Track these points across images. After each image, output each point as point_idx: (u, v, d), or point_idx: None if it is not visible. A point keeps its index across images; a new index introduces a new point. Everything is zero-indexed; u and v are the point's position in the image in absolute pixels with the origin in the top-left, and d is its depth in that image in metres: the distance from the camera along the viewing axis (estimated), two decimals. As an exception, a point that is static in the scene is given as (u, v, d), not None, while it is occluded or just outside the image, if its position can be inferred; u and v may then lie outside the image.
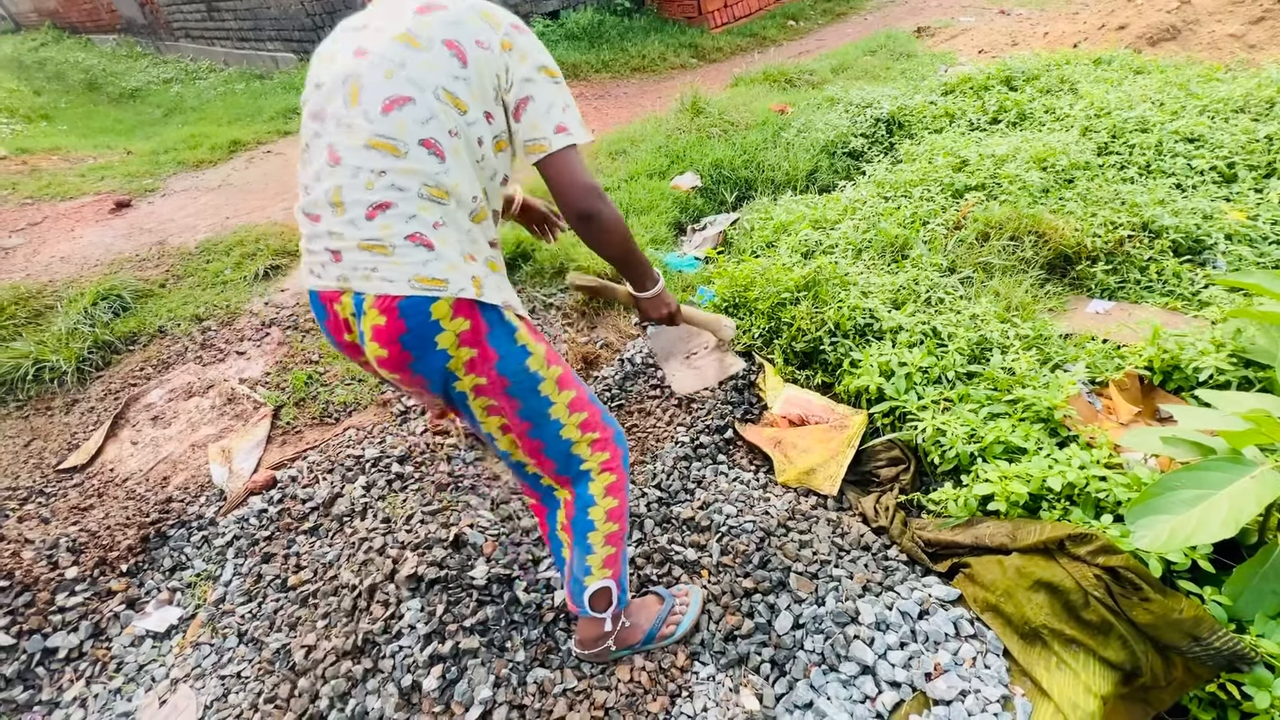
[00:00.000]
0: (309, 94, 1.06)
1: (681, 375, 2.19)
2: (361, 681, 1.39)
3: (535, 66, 1.04)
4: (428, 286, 0.97)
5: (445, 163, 0.99)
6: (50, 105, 7.98)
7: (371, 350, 1.02)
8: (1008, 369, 1.74)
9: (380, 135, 0.97)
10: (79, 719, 1.47)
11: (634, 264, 1.23)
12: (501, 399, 1.09)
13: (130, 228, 3.95)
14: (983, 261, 2.23)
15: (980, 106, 3.37)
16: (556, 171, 1.04)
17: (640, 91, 5.64)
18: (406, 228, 0.97)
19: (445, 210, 1.01)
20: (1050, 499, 1.42)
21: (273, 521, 1.85)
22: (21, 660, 1.54)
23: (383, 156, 0.97)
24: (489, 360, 1.05)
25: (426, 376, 1.04)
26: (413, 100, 0.97)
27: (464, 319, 1.01)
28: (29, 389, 2.54)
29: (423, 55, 0.98)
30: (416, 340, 0.99)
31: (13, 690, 1.51)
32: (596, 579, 1.26)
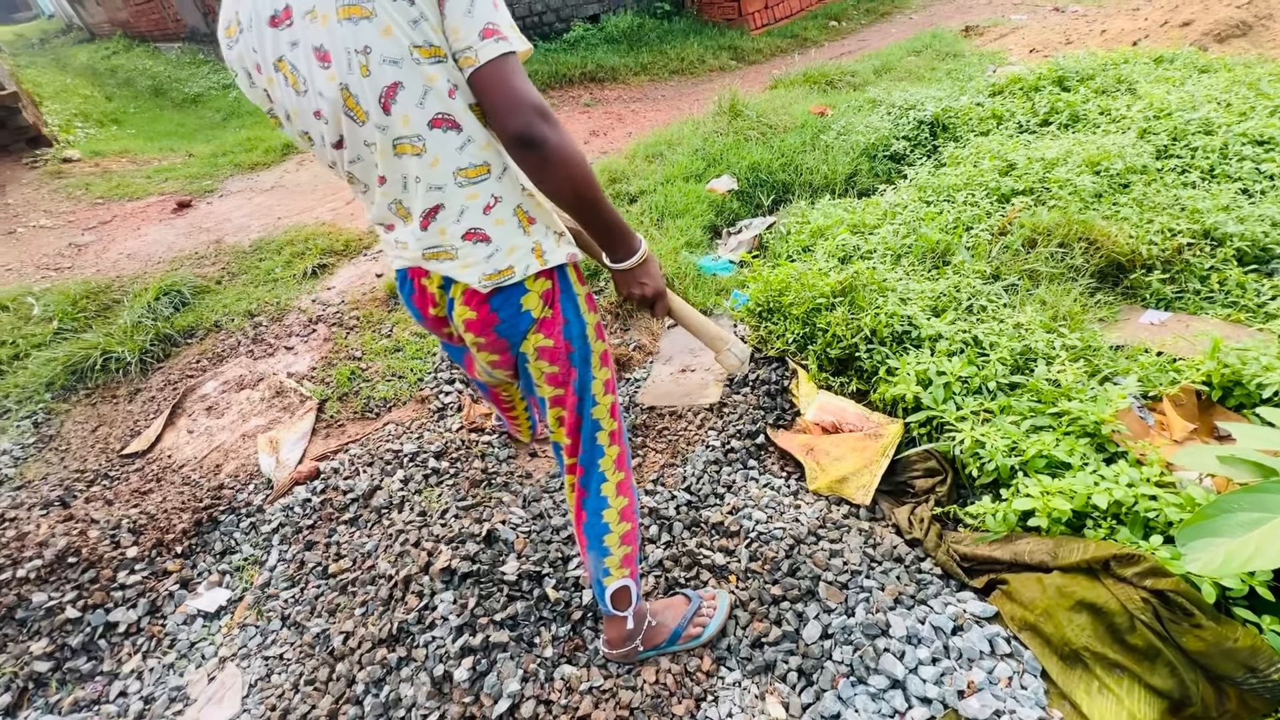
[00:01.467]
0: (289, 126, 0.95)
1: (661, 385, 2.06)
2: (396, 669, 1.44)
3: None
4: (496, 280, 1.00)
5: (462, 131, 0.90)
6: (120, 110, 8.46)
7: (460, 314, 1.05)
8: (1053, 381, 1.69)
9: (396, 139, 0.90)
10: (135, 690, 1.56)
11: (598, 216, 0.97)
12: (562, 365, 1.10)
13: (190, 227, 4.16)
14: (1029, 269, 2.16)
15: (1030, 108, 3.26)
16: (491, 87, 0.84)
17: (678, 94, 5.65)
18: (460, 227, 0.96)
19: (488, 185, 0.95)
20: (1095, 517, 1.37)
21: (315, 511, 1.92)
22: (86, 632, 1.64)
23: (409, 160, 0.91)
24: (558, 323, 1.07)
25: (511, 339, 1.07)
26: (401, 84, 0.85)
27: (545, 279, 1.05)
28: (97, 378, 2.71)
29: (375, 23, 0.82)
30: (506, 312, 1.03)
31: (77, 660, 1.61)
32: (615, 578, 1.28)
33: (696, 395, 2.07)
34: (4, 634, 1.62)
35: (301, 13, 0.84)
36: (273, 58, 0.87)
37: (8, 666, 1.57)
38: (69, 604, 1.67)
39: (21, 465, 2.34)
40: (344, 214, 4.00)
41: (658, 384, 2.13)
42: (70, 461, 2.31)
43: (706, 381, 2.12)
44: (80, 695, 1.55)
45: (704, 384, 2.10)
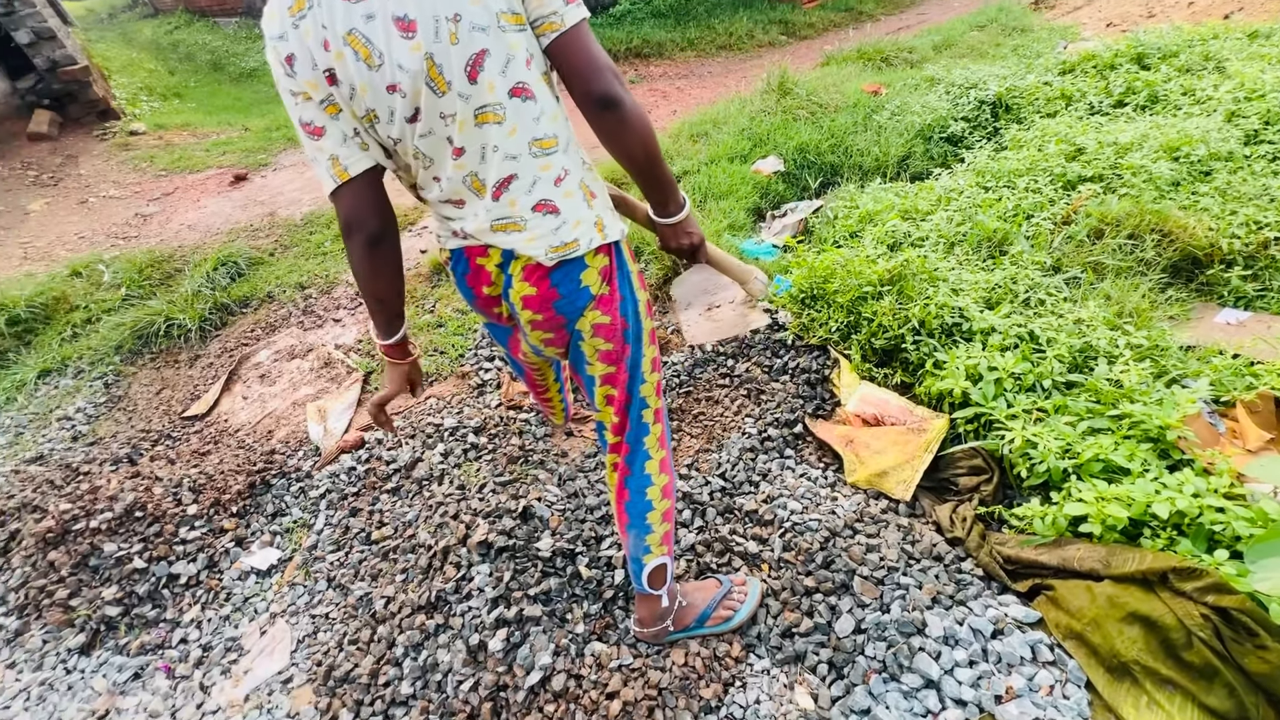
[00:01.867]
0: (359, 100, 0.91)
1: (698, 325, 2.18)
2: (433, 635, 1.49)
3: None
4: (561, 253, 1.01)
5: (537, 102, 0.94)
6: (181, 84, 8.77)
7: (519, 290, 1.06)
8: (1114, 381, 1.60)
9: (479, 108, 0.91)
10: (195, 638, 1.66)
11: (659, 175, 1.06)
12: (617, 341, 1.12)
13: (246, 199, 4.31)
14: (1093, 261, 2.04)
15: (1104, 87, 3.05)
16: (574, 51, 0.91)
17: (725, 70, 5.51)
18: (530, 198, 0.98)
19: (558, 157, 0.98)
20: (1154, 526, 1.30)
21: (360, 479, 2.00)
22: (151, 582, 1.76)
23: (490, 129, 0.93)
24: (615, 300, 1.09)
25: (568, 316, 1.09)
26: (488, 51, 0.88)
27: (604, 256, 1.07)
28: (161, 343, 2.86)
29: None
30: (566, 288, 1.05)
31: (144, 607, 1.72)
32: (655, 556, 1.28)
33: (744, 325, 2.15)
34: (79, 579, 1.75)
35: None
36: (343, 31, 0.86)
37: (83, 609, 1.70)
38: (136, 555, 1.79)
39: (94, 423, 2.49)
40: (394, 188, 4.07)
41: (695, 327, 2.19)
42: (137, 421, 2.45)
43: (742, 313, 2.20)
44: (146, 639, 1.66)
45: (741, 315, 2.18)
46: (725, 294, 2.23)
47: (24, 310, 3.01)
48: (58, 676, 1.61)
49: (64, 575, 1.75)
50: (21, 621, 1.71)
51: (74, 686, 1.58)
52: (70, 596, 1.72)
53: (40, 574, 1.76)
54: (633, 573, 1.32)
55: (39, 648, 1.67)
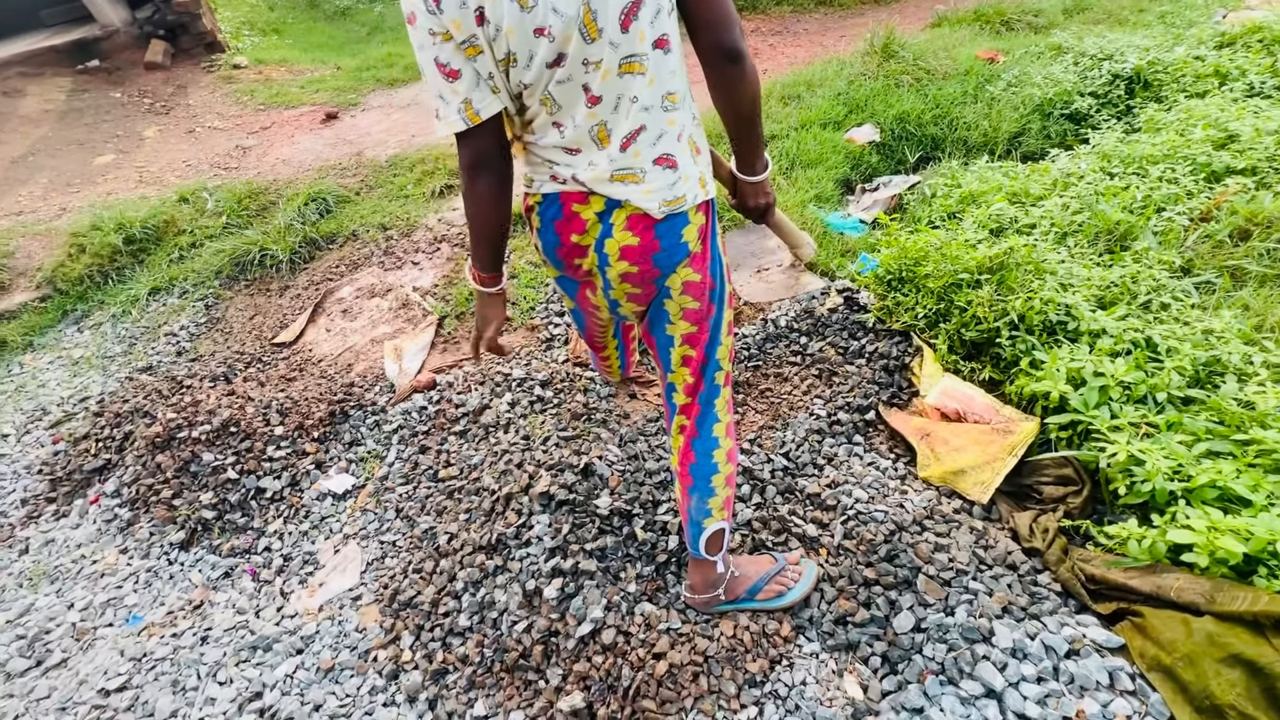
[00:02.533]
0: (502, 42, 0.90)
1: (750, 286, 2.22)
2: (492, 575, 1.56)
3: None
4: (672, 207, 1.03)
5: (673, 54, 0.95)
6: (280, 20, 9.04)
7: (620, 239, 1.05)
8: (1245, 402, 1.44)
9: (626, 57, 0.92)
10: (277, 548, 1.80)
11: (757, 132, 1.11)
12: (704, 301, 1.13)
13: (336, 138, 4.44)
14: (1233, 265, 1.82)
15: (1269, 66, 2.66)
16: (711, 3, 0.93)
17: (823, 28, 5.17)
18: (654, 151, 1.00)
19: (680, 113, 1.00)
20: (1272, 566, 1.18)
21: (430, 419, 2.07)
22: (241, 492, 1.90)
23: (632, 79, 0.94)
24: (706, 259, 1.11)
25: (664, 269, 1.09)
26: (642, 1, 0.89)
27: (703, 214, 1.09)
28: (255, 271, 3.03)
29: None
30: (668, 241, 1.06)
31: (234, 515, 1.88)
32: (715, 520, 1.29)
33: (800, 287, 2.22)
34: (181, 482, 1.91)
35: None
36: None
37: (183, 509, 1.86)
38: (230, 466, 1.94)
39: (195, 341, 2.69)
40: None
41: (747, 286, 2.26)
42: (233, 343, 2.63)
43: (795, 276, 2.26)
44: (236, 543, 1.81)
45: (793, 278, 2.24)
46: (772, 257, 2.30)
47: (139, 231, 3.25)
48: (161, 566, 1.78)
49: (168, 477, 1.92)
50: (133, 513, 1.90)
51: (174, 577, 1.75)
52: (174, 497, 1.88)
53: (149, 473, 1.94)
54: (690, 536, 1.32)
55: (146, 538, 1.85)
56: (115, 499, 1.95)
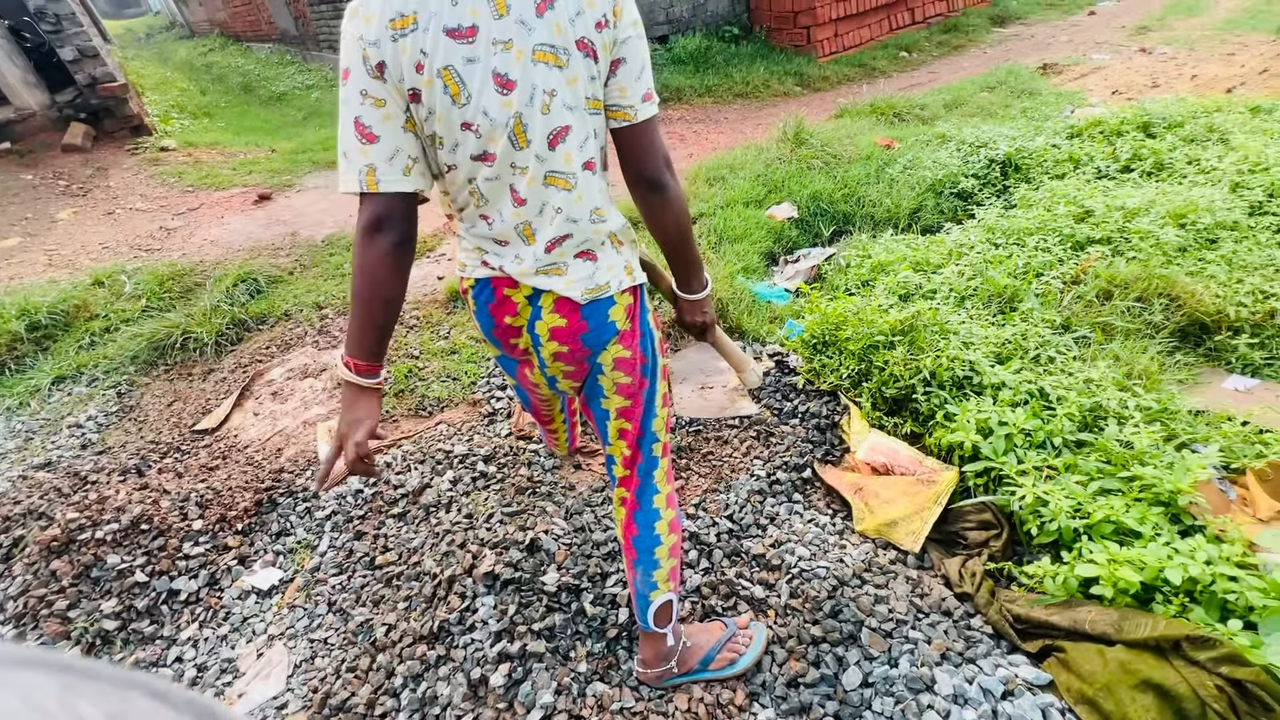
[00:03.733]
0: (431, 123, 0.93)
1: (689, 399, 2.25)
2: (434, 666, 1.47)
3: (631, 21, 0.96)
4: (594, 294, 1.07)
5: (598, 175, 1.03)
6: (212, 104, 9.05)
7: (548, 321, 1.09)
8: (1125, 442, 1.61)
9: (552, 172, 0.98)
10: (190, 658, 1.64)
11: (689, 255, 1.16)
12: (636, 375, 1.16)
13: (269, 219, 4.40)
14: (1102, 322, 2.08)
15: (1111, 153, 3.15)
16: (637, 140, 1.00)
17: (741, 118, 5.68)
18: (576, 248, 1.06)
19: (606, 223, 1.06)
20: (1166, 592, 1.30)
21: (367, 503, 1.99)
22: (151, 597, 1.74)
23: (557, 192, 1.00)
24: (636, 336, 1.14)
25: (593, 348, 1.12)
26: (570, 128, 0.96)
27: (630, 295, 1.12)
28: (176, 355, 2.89)
29: (566, 73, 0.92)
30: (594, 322, 1.10)
31: (141, 623, 1.70)
32: (662, 592, 1.28)
33: (732, 409, 2.18)
34: (79, 590, 1.74)
35: (490, 39, 0.88)
36: (440, 65, 0.89)
37: (80, 621, 1.68)
38: (138, 568, 1.78)
39: (104, 431, 2.50)
40: (411, 216, 4.16)
41: (686, 400, 2.26)
42: (147, 432, 2.46)
43: (732, 397, 2.23)
44: (141, 656, 1.64)
45: (731, 399, 2.22)
46: (719, 377, 2.33)
47: (45, 316, 3.06)
48: (49, 690, 1.58)
49: (64, 585, 1.73)
50: (17, 631, 1.69)
51: (65, 702, 1.55)
52: (69, 608, 1.70)
53: (41, 583, 1.75)
54: (638, 610, 1.32)
55: (32, 659, 1.64)
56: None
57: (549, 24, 0.89)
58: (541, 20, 0.89)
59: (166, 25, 22.75)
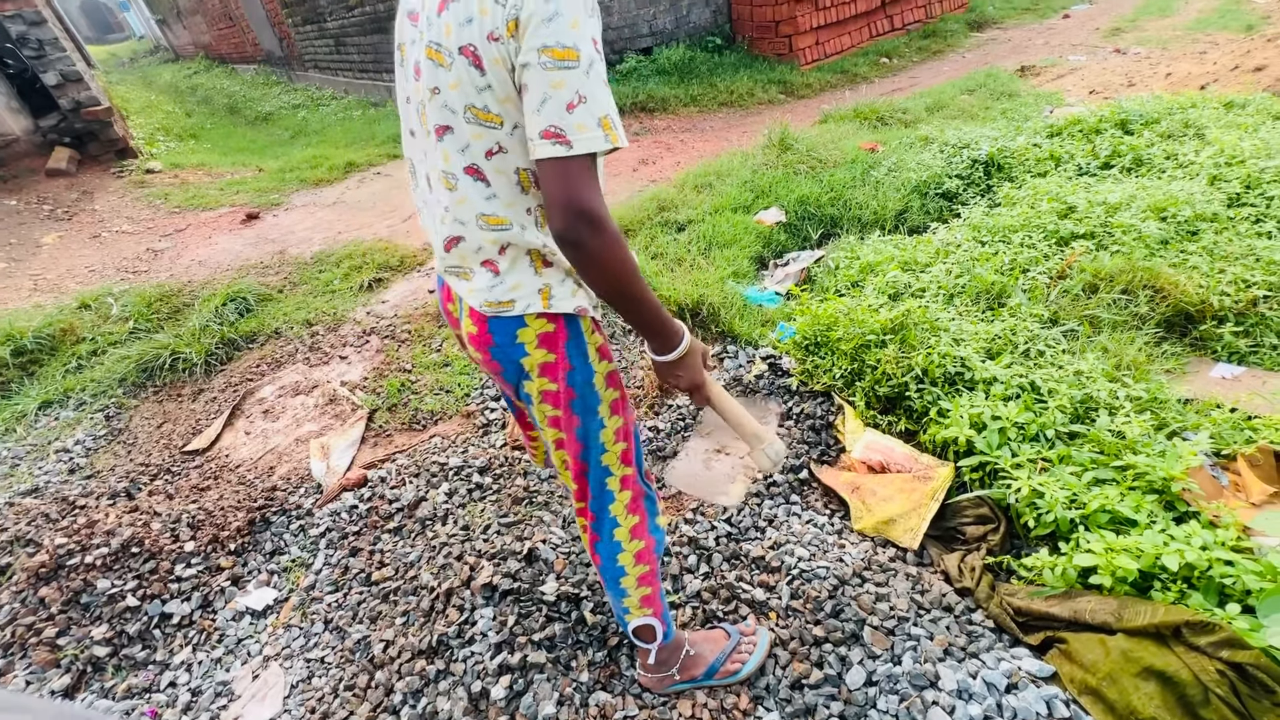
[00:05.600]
0: (400, 84, 1.03)
1: (688, 461, 1.93)
2: (434, 681, 1.45)
3: (536, 47, 0.81)
4: (495, 309, 1.00)
5: (491, 187, 0.94)
6: (198, 126, 9.05)
7: (466, 326, 1.08)
8: (1117, 432, 1.62)
9: (439, 169, 0.97)
10: (184, 682, 1.61)
11: (637, 315, 0.96)
12: (565, 411, 1.07)
13: (257, 237, 4.39)
14: (1089, 314, 2.10)
15: (1090, 150, 3.19)
16: (543, 180, 0.85)
17: (727, 126, 5.73)
18: (478, 256, 1.00)
19: (508, 233, 0.97)
20: (1164, 579, 1.30)
21: (362, 518, 1.97)
22: (143, 621, 1.71)
23: (446, 192, 0.97)
24: (561, 369, 1.04)
25: (503, 365, 1.05)
26: (451, 129, 0.92)
27: (547, 321, 1.01)
28: (165, 376, 2.86)
29: (449, 75, 0.89)
30: (500, 338, 1.03)
31: (133, 648, 1.67)
32: (636, 617, 1.27)
33: (717, 491, 1.91)
34: (69, 617, 1.70)
35: (421, 26, 0.95)
36: (397, 40, 1.03)
37: (70, 648, 1.65)
38: (129, 592, 1.75)
39: (93, 455, 2.47)
40: (400, 230, 4.17)
41: (689, 459, 2.03)
42: (137, 455, 2.43)
43: (734, 475, 1.96)
44: (133, 682, 1.60)
45: (730, 477, 1.95)
46: (741, 446, 1.97)
47: (30, 341, 3.02)
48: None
49: (54, 613, 1.70)
50: (5, 661, 1.66)
51: (55, 732, 1.52)
52: (58, 635, 1.67)
53: (29, 611, 1.71)
54: (620, 623, 1.32)
55: (21, 690, 1.61)
56: (-15, 646, 1.70)
57: (441, 23, 0.88)
58: (439, 18, 0.89)
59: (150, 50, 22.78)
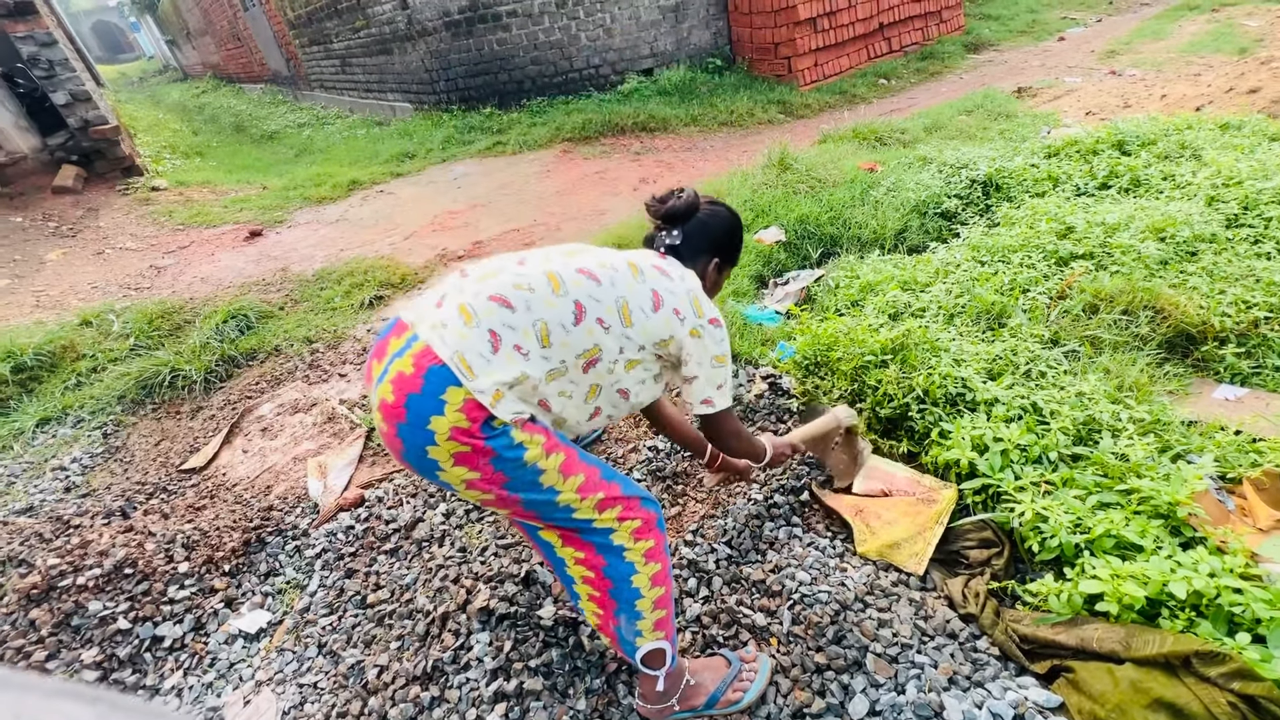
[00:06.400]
0: None
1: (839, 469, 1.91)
2: (428, 709, 1.43)
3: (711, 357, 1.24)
4: (460, 367, 1.00)
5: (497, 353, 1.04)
6: (204, 144, 9.15)
7: (381, 390, 1.04)
8: (1120, 455, 1.61)
9: (468, 303, 1.08)
10: (174, 707, 1.58)
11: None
12: (500, 493, 1.07)
13: (260, 255, 4.41)
14: (1090, 335, 2.09)
15: (1088, 171, 3.22)
16: (710, 429, 1.35)
17: (726, 145, 5.79)
18: (496, 328, 1.06)
19: (529, 364, 1.06)
20: (1172, 606, 1.28)
21: (358, 539, 1.95)
22: (134, 644, 1.69)
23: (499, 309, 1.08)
24: (484, 455, 1.02)
25: (405, 443, 1.03)
26: (512, 308, 1.07)
27: (466, 418, 1.00)
28: (164, 393, 2.86)
29: (545, 297, 1.09)
30: (418, 404, 1.00)
31: (123, 672, 1.64)
32: (649, 641, 1.24)
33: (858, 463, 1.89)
34: (59, 640, 1.68)
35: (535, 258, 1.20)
36: None
37: (59, 672, 1.62)
38: (121, 615, 1.72)
39: (89, 473, 2.46)
40: (402, 249, 4.19)
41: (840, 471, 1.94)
42: (133, 473, 2.42)
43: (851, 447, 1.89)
44: (122, 708, 1.57)
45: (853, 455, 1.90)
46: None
47: (30, 358, 3.03)
48: (24, 748, 1.51)
49: (44, 635, 1.67)
50: (-7, 685, 1.62)
51: (41, 759, 1.48)
52: (48, 659, 1.64)
53: (19, 633, 1.69)
54: (626, 653, 1.27)
55: (8, 715, 1.57)
56: (-28, 669, 1.67)
57: (570, 275, 1.17)
58: (576, 276, 1.16)
59: (160, 69, 23.15)
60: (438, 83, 7.32)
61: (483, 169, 5.76)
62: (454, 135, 6.71)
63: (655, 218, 1.40)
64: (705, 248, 1.39)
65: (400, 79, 8.05)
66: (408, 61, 7.62)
